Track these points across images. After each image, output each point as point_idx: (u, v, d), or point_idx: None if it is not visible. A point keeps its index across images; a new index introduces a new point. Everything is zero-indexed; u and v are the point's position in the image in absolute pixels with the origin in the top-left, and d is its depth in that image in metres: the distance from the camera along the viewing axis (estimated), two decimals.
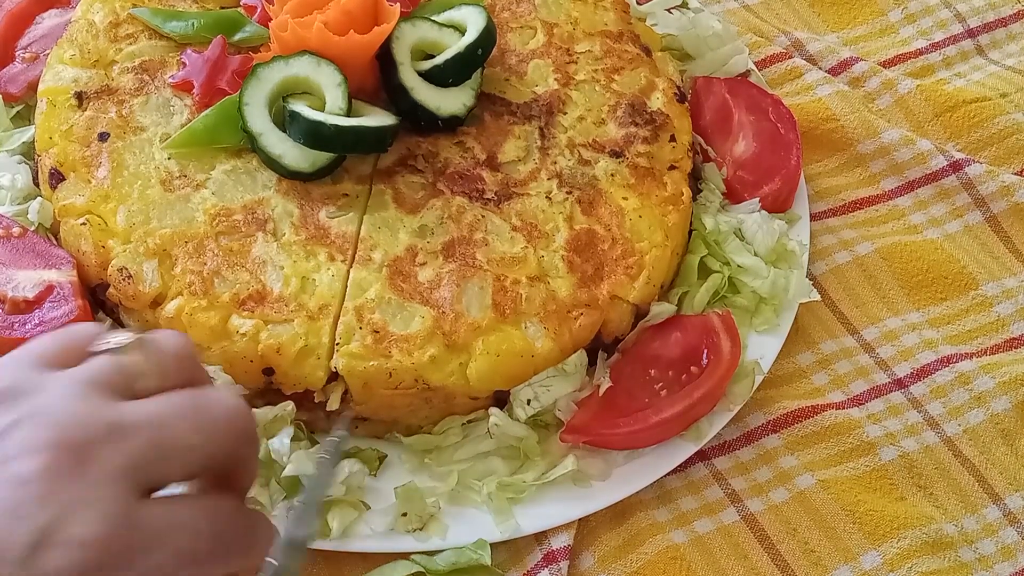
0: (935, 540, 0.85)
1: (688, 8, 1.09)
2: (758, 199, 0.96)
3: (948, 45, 1.15)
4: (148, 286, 0.83)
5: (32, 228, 0.87)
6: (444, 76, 0.91)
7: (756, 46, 1.10)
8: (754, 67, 1.06)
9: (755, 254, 0.93)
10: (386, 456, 0.83)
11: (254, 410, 0.76)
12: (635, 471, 0.84)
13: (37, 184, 0.91)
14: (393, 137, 0.89)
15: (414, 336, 0.82)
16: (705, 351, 0.87)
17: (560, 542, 0.81)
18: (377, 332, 0.82)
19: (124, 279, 0.83)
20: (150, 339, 0.64)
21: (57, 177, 0.87)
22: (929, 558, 0.84)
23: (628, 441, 0.85)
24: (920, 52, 1.15)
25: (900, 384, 0.93)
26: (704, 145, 0.99)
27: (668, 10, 1.06)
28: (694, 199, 0.96)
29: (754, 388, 0.89)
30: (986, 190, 1.03)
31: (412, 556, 0.80)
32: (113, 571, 0.59)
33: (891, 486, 0.88)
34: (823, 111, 1.06)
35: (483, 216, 0.88)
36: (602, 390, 0.86)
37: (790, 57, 1.10)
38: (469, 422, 0.85)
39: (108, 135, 0.88)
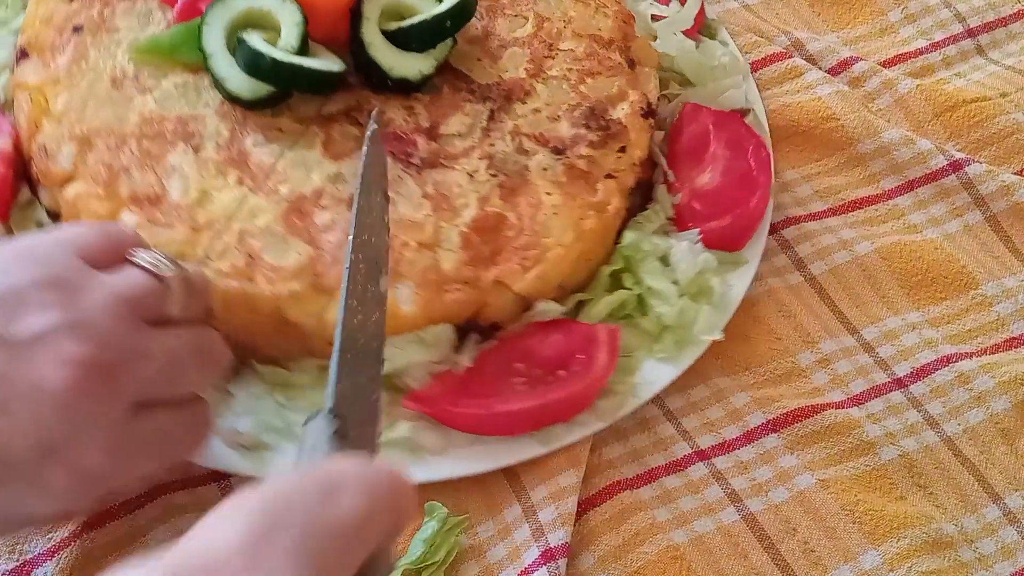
0: (935, 540, 0.83)
1: (715, 38, 1.07)
2: (698, 230, 0.93)
3: (948, 45, 1.12)
4: (60, 167, 0.87)
5: None
6: (407, 40, 0.93)
7: (756, 46, 1.09)
8: (756, 110, 1.03)
9: (675, 282, 0.91)
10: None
11: None
12: (475, 455, 0.83)
13: None
14: (335, 84, 0.91)
15: (284, 268, 0.83)
16: (580, 359, 0.85)
17: (558, 539, 0.81)
18: (251, 257, 0.84)
19: (41, 155, 0.88)
20: (188, 275, 0.73)
21: (23, 55, 0.93)
22: (929, 558, 0.82)
23: (470, 424, 0.84)
24: (920, 52, 1.12)
25: (900, 384, 0.91)
26: (666, 167, 0.97)
27: (675, 32, 1.04)
28: (636, 215, 0.94)
29: (624, 410, 0.86)
30: (986, 190, 1.01)
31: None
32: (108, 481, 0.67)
33: (891, 486, 0.86)
34: (823, 111, 1.04)
35: (400, 178, 0.89)
36: (460, 368, 0.85)
37: (790, 57, 1.09)
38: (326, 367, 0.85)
39: (82, 28, 0.93)
